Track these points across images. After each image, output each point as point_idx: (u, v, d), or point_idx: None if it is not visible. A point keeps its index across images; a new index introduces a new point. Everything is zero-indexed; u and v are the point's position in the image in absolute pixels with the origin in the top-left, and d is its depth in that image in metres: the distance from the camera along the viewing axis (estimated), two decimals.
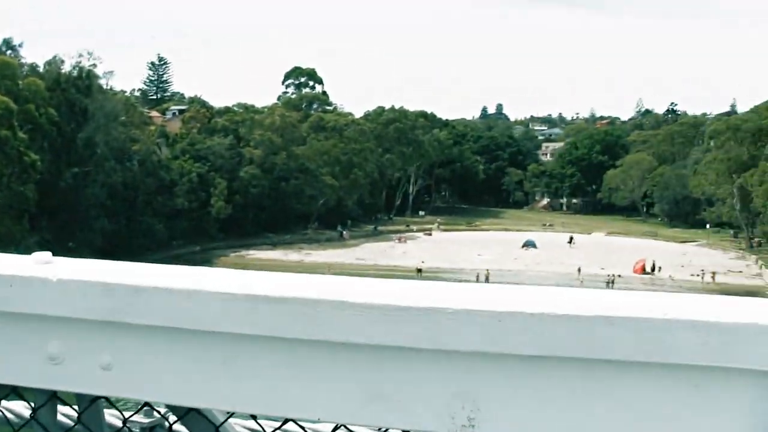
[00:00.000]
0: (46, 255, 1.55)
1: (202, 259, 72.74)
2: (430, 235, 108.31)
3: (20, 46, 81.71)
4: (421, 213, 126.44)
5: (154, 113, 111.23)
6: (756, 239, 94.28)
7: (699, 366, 1.16)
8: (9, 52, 78.32)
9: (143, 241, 71.59)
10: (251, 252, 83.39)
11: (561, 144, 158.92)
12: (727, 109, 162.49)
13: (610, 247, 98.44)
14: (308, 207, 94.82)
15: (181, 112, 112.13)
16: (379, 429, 1.62)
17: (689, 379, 1.18)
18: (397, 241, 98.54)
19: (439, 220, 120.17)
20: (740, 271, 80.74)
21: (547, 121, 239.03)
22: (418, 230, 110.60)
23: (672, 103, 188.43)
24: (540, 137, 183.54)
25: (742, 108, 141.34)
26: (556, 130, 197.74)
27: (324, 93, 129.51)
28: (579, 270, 76.76)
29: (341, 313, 1.27)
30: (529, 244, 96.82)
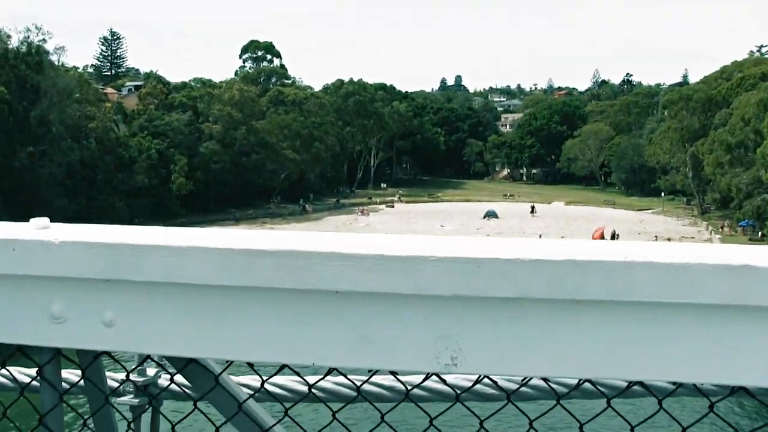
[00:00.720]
0: (44, 220, 1.59)
1: None
2: (393, 207, 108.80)
3: None
4: (383, 185, 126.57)
5: (109, 90, 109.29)
6: (707, 206, 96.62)
7: (656, 302, 1.27)
8: None
9: (104, 219, 70.78)
10: (214, 228, 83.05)
11: (520, 115, 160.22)
12: (680, 79, 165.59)
13: (569, 216, 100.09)
14: (270, 181, 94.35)
15: (137, 88, 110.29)
16: (369, 371, 1.76)
17: (648, 314, 1.29)
18: (359, 213, 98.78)
19: (400, 192, 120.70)
20: (692, 237, 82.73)
21: (506, 92, 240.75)
22: (381, 203, 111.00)
23: (627, 73, 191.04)
24: (499, 108, 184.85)
25: (694, 78, 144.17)
26: (515, 101, 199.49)
27: (282, 66, 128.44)
28: (540, 238, 77.98)
29: (331, 263, 1.34)
30: (490, 215, 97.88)
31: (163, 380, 2.04)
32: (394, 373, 1.76)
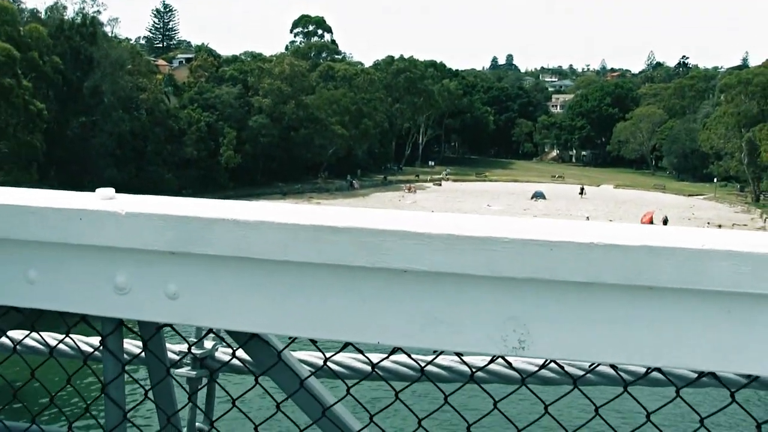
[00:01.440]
0: (110, 191, 1.58)
1: None
2: (440, 185, 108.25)
3: None
4: (431, 163, 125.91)
5: (160, 62, 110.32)
6: (761, 192, 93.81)
7: (732, 293, 1.22)
8: None
9: (153, 190, 71.54)
10: (261, 201, 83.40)
11: (571, 96, 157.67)
12: (739, 62, 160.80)
13: (618, 199, 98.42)
14: (318, 156, 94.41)
15: (188, 60, 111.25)
16: (435, 351, 1.72)
17: (723, 304, 1.24)
18: (407, 191, 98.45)
19: (448, 170, 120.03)
20: (745, 225, 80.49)
21: (558, 72, 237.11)
22: (429, 180, 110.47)
23: (683, 56, 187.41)
24: (550, 89, 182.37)
25: (755, 61, 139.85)
26: (567, 82, 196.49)
27: (333, 42, 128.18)
28: (587, 220, 76.71)
29: (403, 242, 1.32)
30: (538, 196, 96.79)
31: (220, 353, 2.02)
32: (459, 355, 1.75)
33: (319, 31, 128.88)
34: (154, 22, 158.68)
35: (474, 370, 1.83)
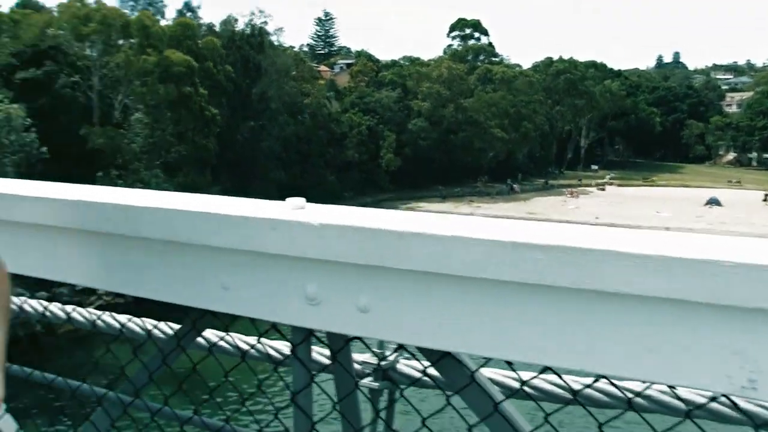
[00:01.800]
0: (301, 201, 1.59)
1: None
2: (604, 189, 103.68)
3: (198, 7, 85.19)
4: (594, 167, 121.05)
5: (322, 68, 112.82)
6: None
7: None
8: (189, 13, 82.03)
9: (317, 192, 72.77)
10: (421, 204, 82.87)
11: (749, 94, 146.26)
12: None
13: None
14: (477, 160, 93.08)
15: (348, 66, 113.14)
16: (644, 383, 1.61)
17: None
18: (568, 195, 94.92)
19: (612, 174, 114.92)
20: None
21: (732, 68, 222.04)
22: (593, 185, 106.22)
23: None
24: (724, 87, 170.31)
25: None
26: (744, 79, 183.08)
27: (490, 44, 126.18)
28: None
29: (613, 262, 1.21)
30: (712, 202, 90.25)
31: (402, 365, 2.02)
32: (672, 388, 1.65)
33: (476, 34, 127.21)
34: (316, 29, 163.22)
35: (691, 407, 1.60)
